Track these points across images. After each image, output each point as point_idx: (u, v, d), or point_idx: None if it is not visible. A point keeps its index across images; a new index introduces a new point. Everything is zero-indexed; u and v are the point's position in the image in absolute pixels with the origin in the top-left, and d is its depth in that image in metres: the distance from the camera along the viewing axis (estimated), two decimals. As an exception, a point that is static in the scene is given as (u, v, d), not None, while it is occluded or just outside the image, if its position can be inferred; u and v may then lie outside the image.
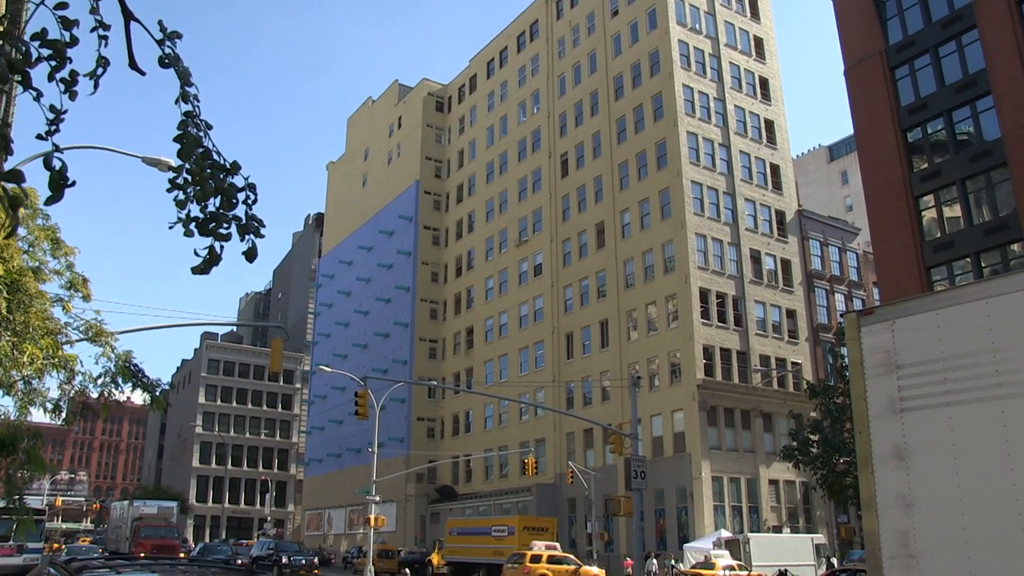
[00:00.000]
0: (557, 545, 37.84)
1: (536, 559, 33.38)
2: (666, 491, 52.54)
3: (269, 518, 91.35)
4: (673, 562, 43.03)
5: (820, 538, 47.71)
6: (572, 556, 35.78)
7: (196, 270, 4.19)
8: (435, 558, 54.29)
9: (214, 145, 4.05)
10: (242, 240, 4.18)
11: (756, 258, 58.78)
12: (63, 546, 63.42)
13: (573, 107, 69.29)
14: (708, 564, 37.05)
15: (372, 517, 48.47)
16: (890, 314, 8.97)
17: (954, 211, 37.96)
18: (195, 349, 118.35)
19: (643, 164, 60.51)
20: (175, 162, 4.16)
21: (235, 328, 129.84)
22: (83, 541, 79.00)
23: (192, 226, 4.11)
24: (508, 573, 34.28)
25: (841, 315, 61.55)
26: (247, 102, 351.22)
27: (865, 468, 8.73)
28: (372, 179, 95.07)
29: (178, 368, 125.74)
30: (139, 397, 18.02)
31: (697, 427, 51.29)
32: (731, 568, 37.02)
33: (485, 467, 69.89)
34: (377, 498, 49.02)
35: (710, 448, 51.47)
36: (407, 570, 45.50)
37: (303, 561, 45.79)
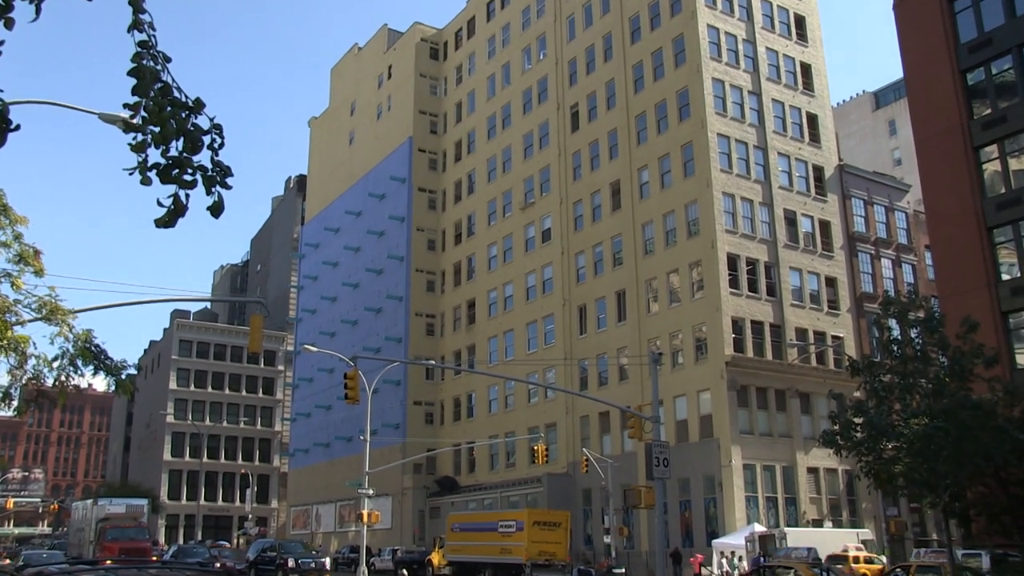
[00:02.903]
0: (862, 545, 43.00)
1: (855, 560, 39.49)
2: (692, 481, 52.70)
3: (250, 516, 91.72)
4: (729, 559, 43.31)
5: (866, 533, 47.83)
6: (877, 556, 42.08)
7: (160, 222, 4.13)
8: (435, 557, 54.63)
9: (174, 80, 3.88)
10: (208, 194, 4.06)
11: (791, 220, 58.50)
12: (6, 556, 62.80)
13: (584, 52, 68.74)
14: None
15: (365, 513, 48.63)
16: None
17: (1021, 163, 37.48)
18: (164, 329, 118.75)
19: (663, 116, 60.12)
20: (136, 119, 4.02)
21: (209, 305, 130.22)
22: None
23: (152, 173, 3.98)
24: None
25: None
26: (218, 50, 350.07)
27: None
28: (360, 136, 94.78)
29: (146, 350, 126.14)
30: (102, 382, 18.00)
31: (726, 409, 51.33)
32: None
33: (490, 456, 70.16)
34: (370, 491, 49.18)
35: (741, 432, 51.53)
36: (404, 571, 45.76)
37: (312, 564, 46.01)
